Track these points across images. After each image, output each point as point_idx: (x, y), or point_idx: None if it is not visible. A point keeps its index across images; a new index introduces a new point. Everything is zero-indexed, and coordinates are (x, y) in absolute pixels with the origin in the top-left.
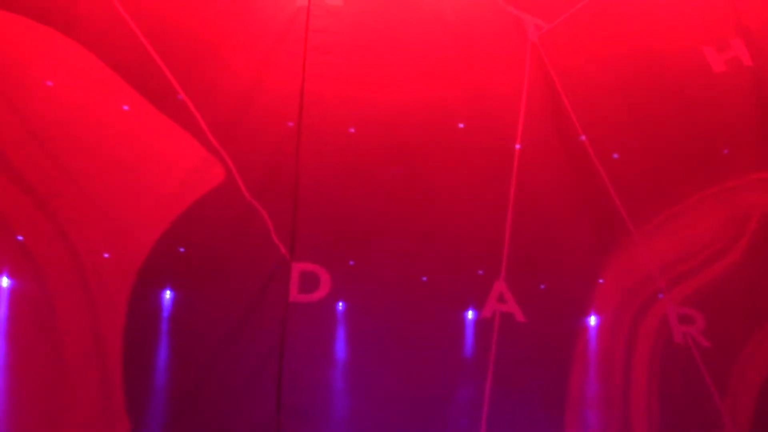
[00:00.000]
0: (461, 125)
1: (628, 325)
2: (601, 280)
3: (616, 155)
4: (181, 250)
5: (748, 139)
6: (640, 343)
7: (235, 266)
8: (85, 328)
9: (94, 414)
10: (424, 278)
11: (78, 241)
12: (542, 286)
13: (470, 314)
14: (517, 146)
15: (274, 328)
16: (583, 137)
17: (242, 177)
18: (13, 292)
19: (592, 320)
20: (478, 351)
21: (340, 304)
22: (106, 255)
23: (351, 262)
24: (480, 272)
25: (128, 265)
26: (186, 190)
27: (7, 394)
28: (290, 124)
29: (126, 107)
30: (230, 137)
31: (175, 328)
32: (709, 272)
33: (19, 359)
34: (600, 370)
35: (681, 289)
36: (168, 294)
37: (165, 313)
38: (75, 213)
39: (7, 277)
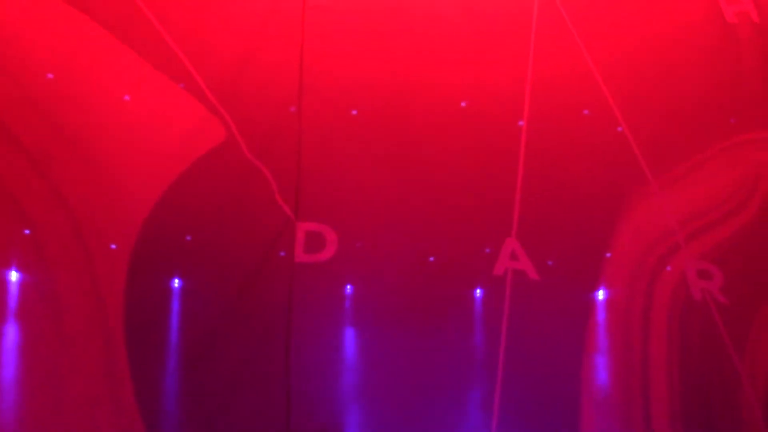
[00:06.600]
0: (463, 104)
1: (646, 281)
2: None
3: (614, 125)
4: (184, 210)
5: (757, 96)
6: (658, 298)
7: (239, 227)
8: (87, 290)
9: (96, 379)
10: (432, 258)
11: (75, 203)
12: (550, 262)
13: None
14: (521, 123)
15: (281, 289)
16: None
17: (243, 136)
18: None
19: (609, 275)
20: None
21: (348, 287)
22: (104, 220)
23: (358, 244)
24: (487, 250)
25: (129, 229)
26: (186, 149)
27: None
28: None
29: (122, 69)
30: (230, 96)
31: (181, 293)
32: (726, 229)
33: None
34: (617, 329)
35: (699, 244)
36: (172, 258)
37: (170, 279)
38: (71, 174)
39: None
